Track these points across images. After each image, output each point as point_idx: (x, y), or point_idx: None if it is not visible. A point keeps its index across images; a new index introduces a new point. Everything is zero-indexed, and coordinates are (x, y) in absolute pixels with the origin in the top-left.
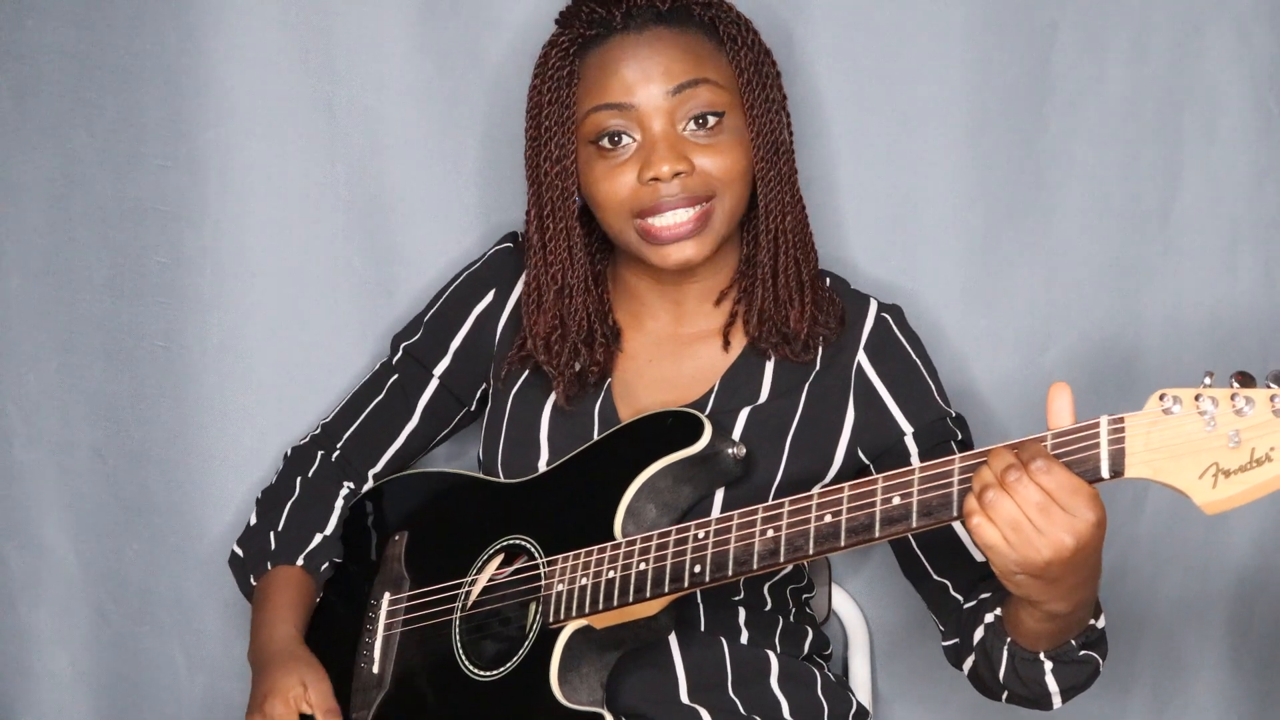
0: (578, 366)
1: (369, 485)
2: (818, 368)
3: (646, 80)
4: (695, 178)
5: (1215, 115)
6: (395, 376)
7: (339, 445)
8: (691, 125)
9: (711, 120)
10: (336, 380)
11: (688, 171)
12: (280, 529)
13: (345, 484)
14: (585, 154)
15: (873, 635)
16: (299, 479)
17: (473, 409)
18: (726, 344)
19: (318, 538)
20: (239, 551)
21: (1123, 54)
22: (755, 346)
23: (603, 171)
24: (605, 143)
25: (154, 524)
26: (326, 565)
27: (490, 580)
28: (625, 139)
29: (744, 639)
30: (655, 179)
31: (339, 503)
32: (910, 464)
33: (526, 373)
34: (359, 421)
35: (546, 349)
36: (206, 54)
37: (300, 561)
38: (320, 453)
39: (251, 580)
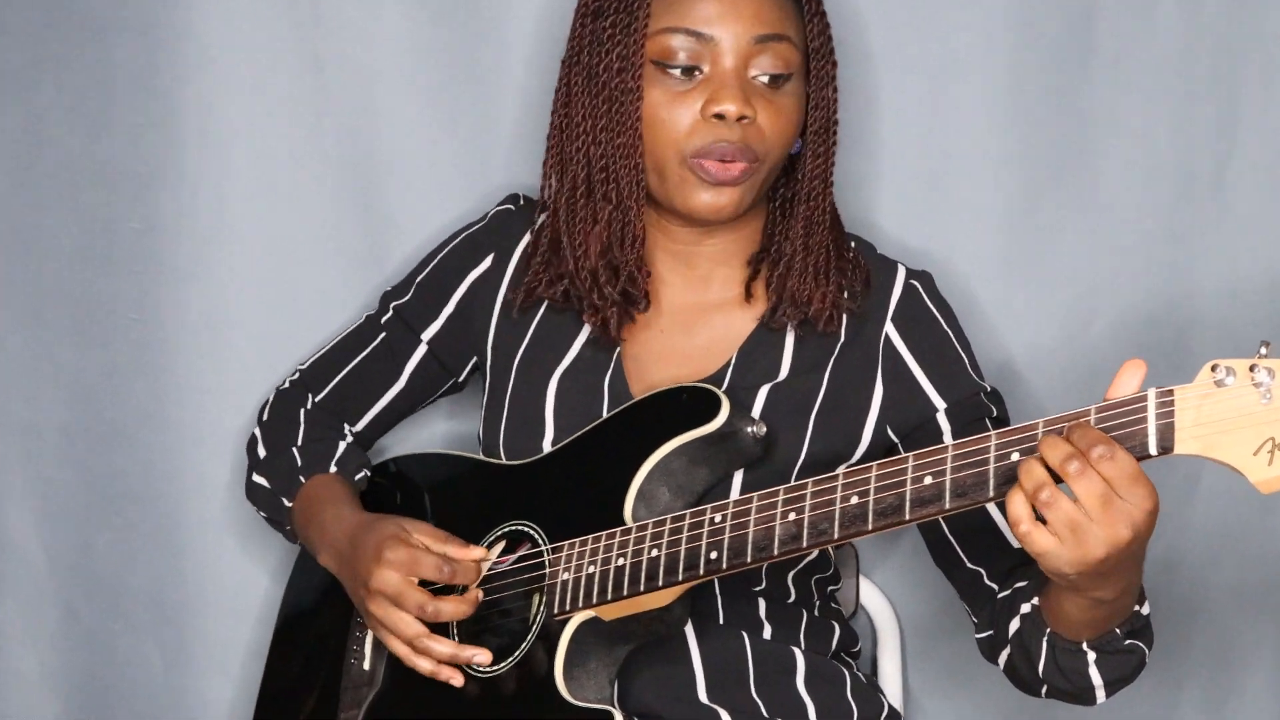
0: (626, 297)
1: (348, 441)
2: (843, 340)
3: (735, 18)
4: (753, 129)
5: (1273, 68)
6: (383, 335)
7: (319, 398)
8: (763, 79)
9: (781, 80)
10: (305, 349)
11: (751, 118)
12: (301, 443)
13: (344, 425)
14: (646, 71)
15: (904, 631)
16: (301, 410)
17: (460, 380)
18: (749, 296)
19: (342, 445)
20: (264, 482)
21: (1173, 2)
22: (775, 318)
23: (663, 96)
24: (671, 67)
25: (128, 512)
26: (361, 475)
27: (491, 569)
28: (693, 69)
29: (766, 634)
30: (720, 115)
31: (349, 437)
32: (943, 443)
33: (527, 342)
34: (342, 376)
35: (593, 278)
36: (183, 3)
37: (333, 468)
38: (310, 394)
39: (285, 502)
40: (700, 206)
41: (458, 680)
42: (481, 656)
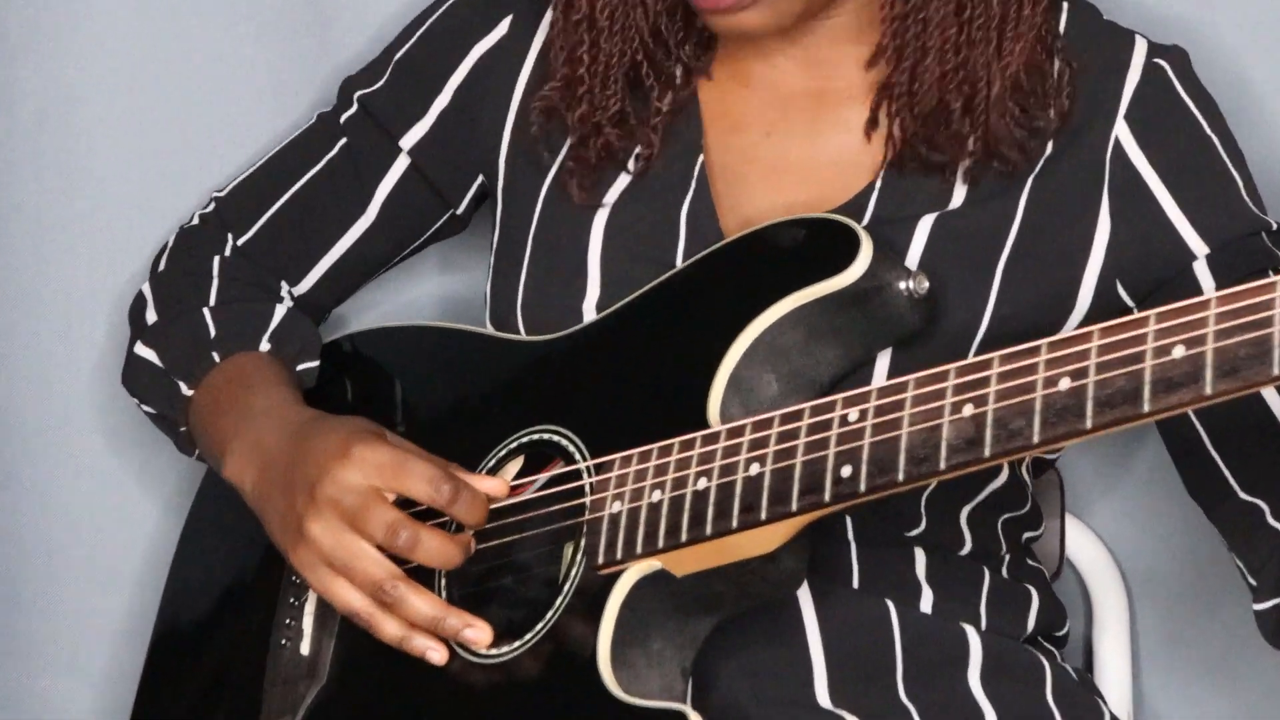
0: (612, 136)
1: (288, 306)
2: (1048, 152)
3: None
4: None
5: None
6: (343, 143)
7: (243, 241)
8: None
9: None
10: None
11: None
12: (215, 303)
13: (281, 284)
14: None
15: (1134, 601)
16: (216, 258)
17: (459, 212)
18: (874, 122)
19: (279, 311)
20: (150, 356)
21: None
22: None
23: None
24: None
25: None
26: (308, 367)
27: (502, 500)
28: None
29: (926, 603)
30: None
31: (289, 300)
32: None
33: (564, 151)
34: (279, 207)
35: (567, 86)
36: None
37: (265, 345)
38: (230, 235)
39: (183, 388)
40: (725, 33)
41: (439, 655)
42: (478, 631)
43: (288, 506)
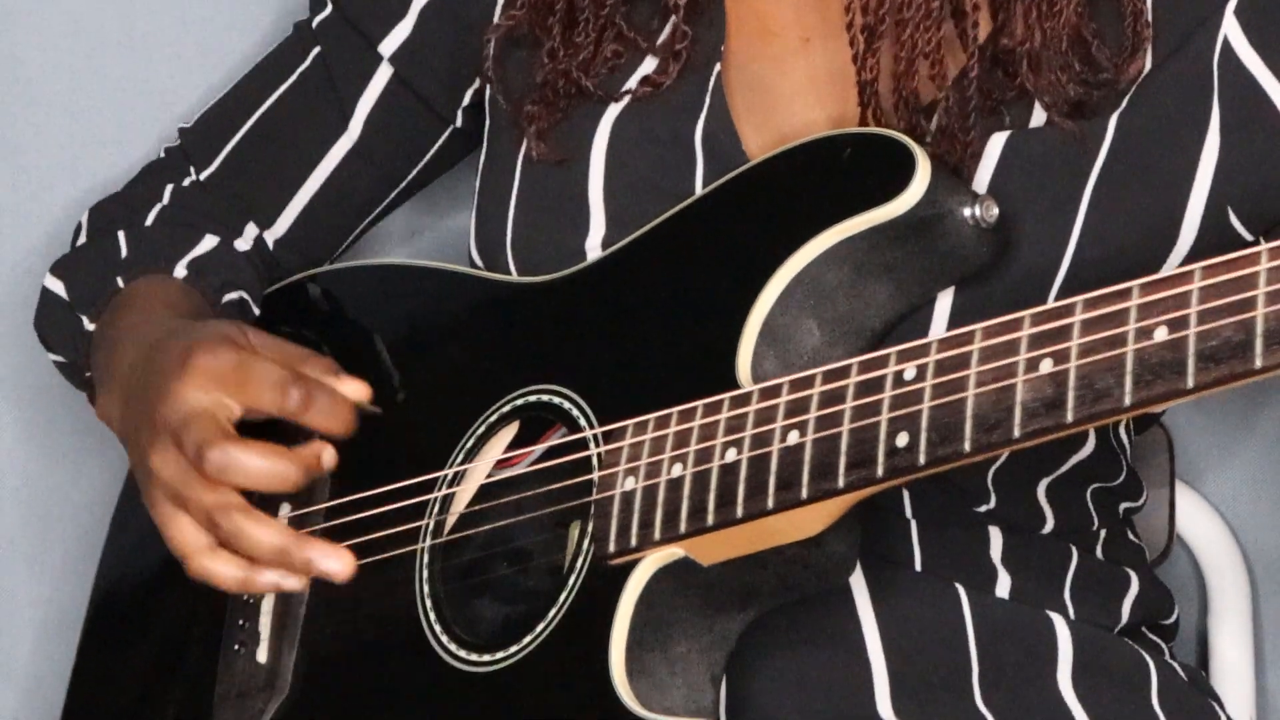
0: (623, 27)
1: (222, 240)
2: (1147, 67)
3: None
4: None
5: None
6: (317, 51)
7: (207, 174)
8: None
9: None
10: (192, 103)
11: None
12: (149, 224)
13: (247, 226)
14: None
15: (1257, 586)
16: (169, 187)
17: (459, 125)
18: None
19: (211, 240)
20: (57, 288)
21: None
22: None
23: None
24: None
25: None
26: (232, 298)
27: (491, 476)
28: None
29: (1003, 588)
30: None
31: (246, 240)
32: None
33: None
34: (245, 130)
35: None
36: None
37: (181, 271)
38: (192, 167)
39: (85, 322)
40: None
41: (294, 583)
42: (335, 561)
43: (139, 444)
